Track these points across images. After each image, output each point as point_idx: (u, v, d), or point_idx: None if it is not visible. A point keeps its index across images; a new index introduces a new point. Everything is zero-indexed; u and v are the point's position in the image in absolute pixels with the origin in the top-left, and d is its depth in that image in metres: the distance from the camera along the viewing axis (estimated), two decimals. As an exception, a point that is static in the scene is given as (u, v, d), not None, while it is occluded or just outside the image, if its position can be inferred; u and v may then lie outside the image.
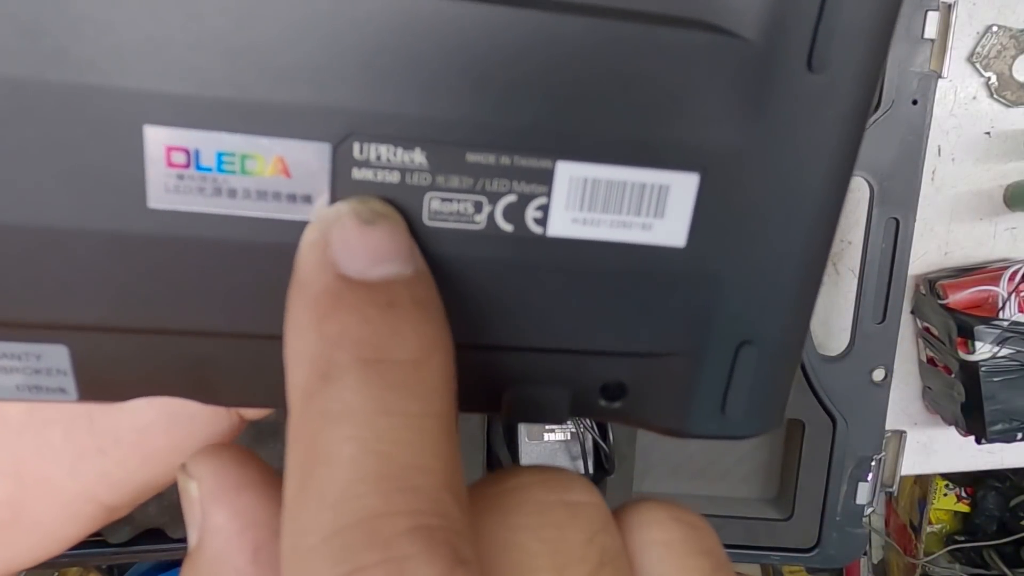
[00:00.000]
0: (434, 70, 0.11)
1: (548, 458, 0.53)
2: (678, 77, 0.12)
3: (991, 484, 1.14)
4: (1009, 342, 0.51)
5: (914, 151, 0.48)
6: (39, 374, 0.13)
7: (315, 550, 0.10)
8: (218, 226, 0.12)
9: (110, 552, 0.52)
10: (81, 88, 0.10)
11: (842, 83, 0.12)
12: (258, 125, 0.11)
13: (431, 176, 0.12)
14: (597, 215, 0.13)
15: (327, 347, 0.11)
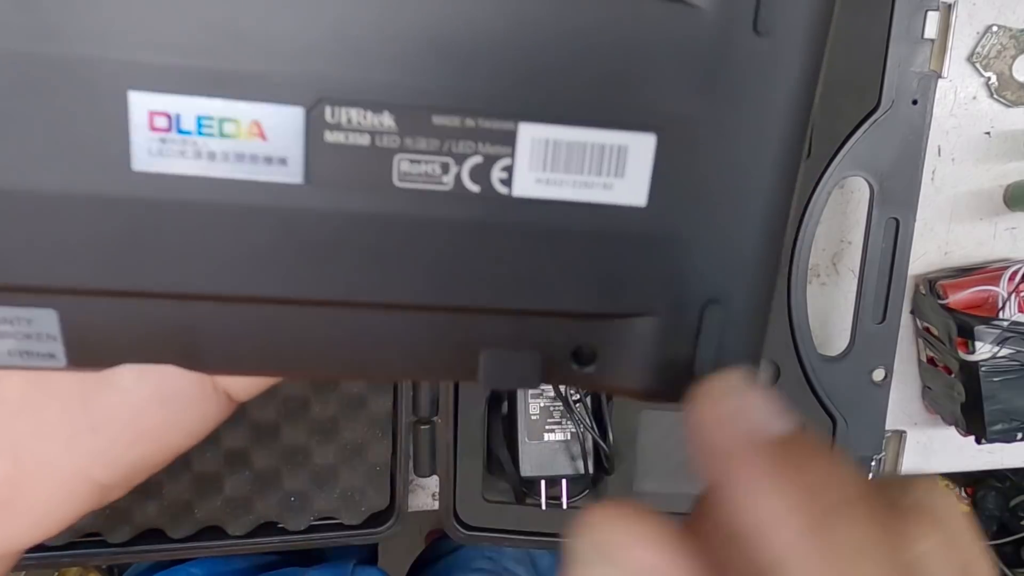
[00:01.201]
0: (400, 37, 0.12)
1: (548, 458, 0.53)
2: (633, 42, 0.12)
3: (991, 484, 1.14)
4: (1009, 342, 0.51)
5: (914, 151, 0.48)
6: (29, 339, 0.13)
7: None
8: (199, 188, 0.12)
9: (110, 552, 0.52)
10: (70, 58, 0.11)
11: (788, 46, 0.13)
12: (235, 90, 0.11)
13: (399, 138, 0.12)
14: (560, 175, 0.13)
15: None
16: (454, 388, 0.52)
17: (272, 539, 0.53)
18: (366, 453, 0.53)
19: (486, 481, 0.54)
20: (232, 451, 0.52)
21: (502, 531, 0.54)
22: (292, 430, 0.52)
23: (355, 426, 0.52)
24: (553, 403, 0.53)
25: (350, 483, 0.53)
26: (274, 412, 0.51)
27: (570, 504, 0.54)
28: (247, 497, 0.52)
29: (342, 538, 0.54)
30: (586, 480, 0.54)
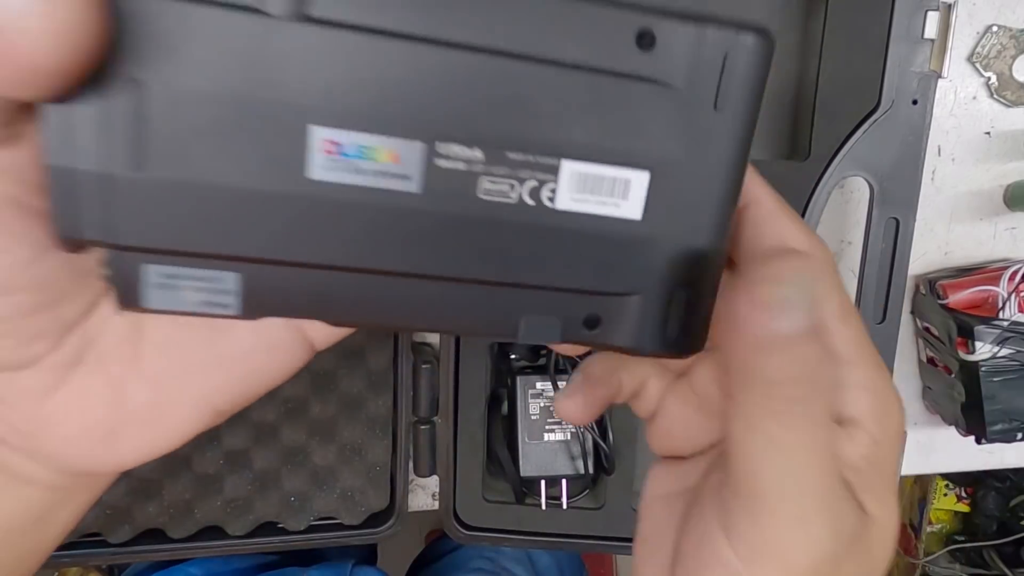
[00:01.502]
0: (489, 102, 0.18)
1: (548, 458, 0.53)
2: (636, 111, 0.19)
3: (991, 484, 1.14)
4: (1009, 342, 0.51)
5: (914, 151, 0.48)
6: (215, 294, 0.19)
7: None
8: (350, 192, 0.18)
9: (110, 552, 0.52)
10: (273, 101, 0.17)
11: (734, 118, 0.19)
12: (381, 130, 0.17)
13: (484, 166, 0.18)
14: (585, 196, 0.19)
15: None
16: (454, 388, 0.52)
17: (272, 539, 0.53)
18: (366, 453, 0.53)
19: (486, 481, 0.54)
20: (232, 451, 0.52)
21: (502, 531, 0.54)
22: (292, 430, 0.52)
23: (355, 426, 0.52)
24: (553, 403, 0.53)
25: (350, 483, 0.53)
26: (274, 412, 0.51)
27: (570, 504, 0.54)
28: (247, 497, 0.52)
29: (342, 538, 0.54)
30: (586, 480, 0.54)
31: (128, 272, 0.18)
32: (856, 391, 0.20)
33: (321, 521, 0.54)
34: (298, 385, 0.51)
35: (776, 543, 0.19)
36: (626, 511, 0.54)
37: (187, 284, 0.18)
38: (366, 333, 0.51)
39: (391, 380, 0.52)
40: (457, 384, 0.52)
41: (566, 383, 0.29)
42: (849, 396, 0.20)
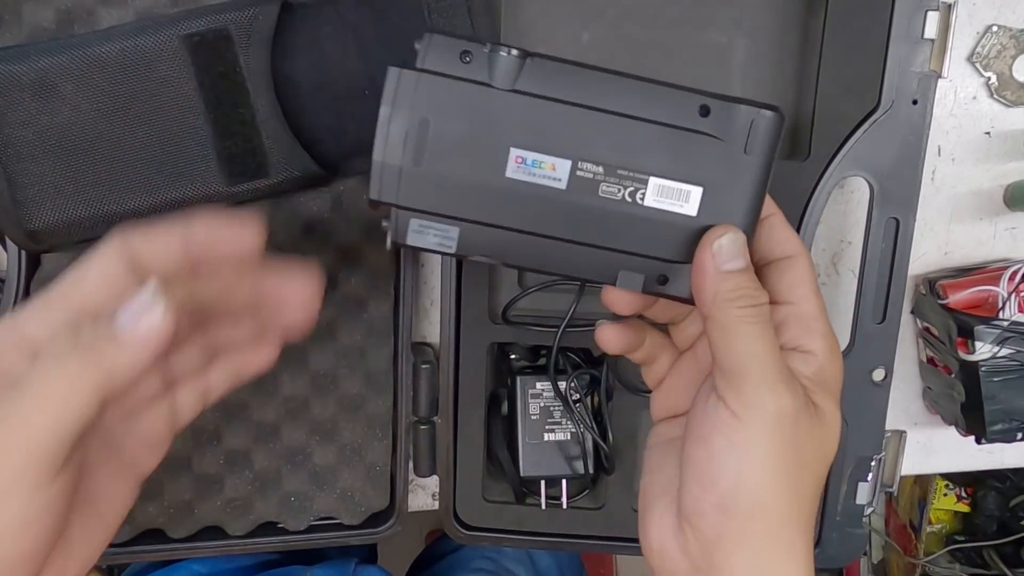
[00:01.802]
0: (605, 144, 0.31)
1: (548, 458, 0.53)
2: (696, 151, 0.31)
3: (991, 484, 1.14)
4: (1009, 342, 0.51)
5: (914, 151, 0.48)
6: (445, 239, 0.32)
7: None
8: (527, 185, 0.31)
9: (110, 552, 0.52)
10: (494, 134, 0.31)
11: (757, 159, 0.31)
12: (548, 153, 0.31)
13: (604, 176, 0.31)
14: (664, 199, 0.32)
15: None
16: (454, 388, 0.52)
17: (272, 539, 0.53)
18: (366, 453, 0.53)
19: (486, 481, 0.54)
20: (232, 451, 0.52)
21: (502, 531, 0.54)
22: (292, 430, 0.52)
23: (355, 426, 0.52)
24: (553, 403, 0.53)
25: (350, 483, 0.53)
26: (274, 412, 0.51)
27: (570, 504, 0.54)
28: (247, 497, 0.52)
29: (342, 538, 0.54)
30: (586, 480, 0.54)
31: (400, 223, 0.32)
32: (814, 335, 0.32)
33: (321, 521, 0.54)
34: (298, 385, 0.51)
35: (754, 397, 0.29)
36: (626, 511, 0.54)
37: (431, 231, 0.32)
38: (365, 332, 0.51)
39: (391, 380, 0.52)
40: (457, 384, 0.52)
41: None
42: (809, 337, 0.32)
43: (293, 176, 0.45)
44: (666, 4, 0.50)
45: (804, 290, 0.32)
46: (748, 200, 0.31)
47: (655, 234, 0.32)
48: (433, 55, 0.30)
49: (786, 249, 0.33)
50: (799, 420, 0.30)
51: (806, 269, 0.33)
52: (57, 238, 0.45)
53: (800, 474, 0.30)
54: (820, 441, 0.31)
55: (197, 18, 0.42)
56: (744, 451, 0.29)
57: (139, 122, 0.43)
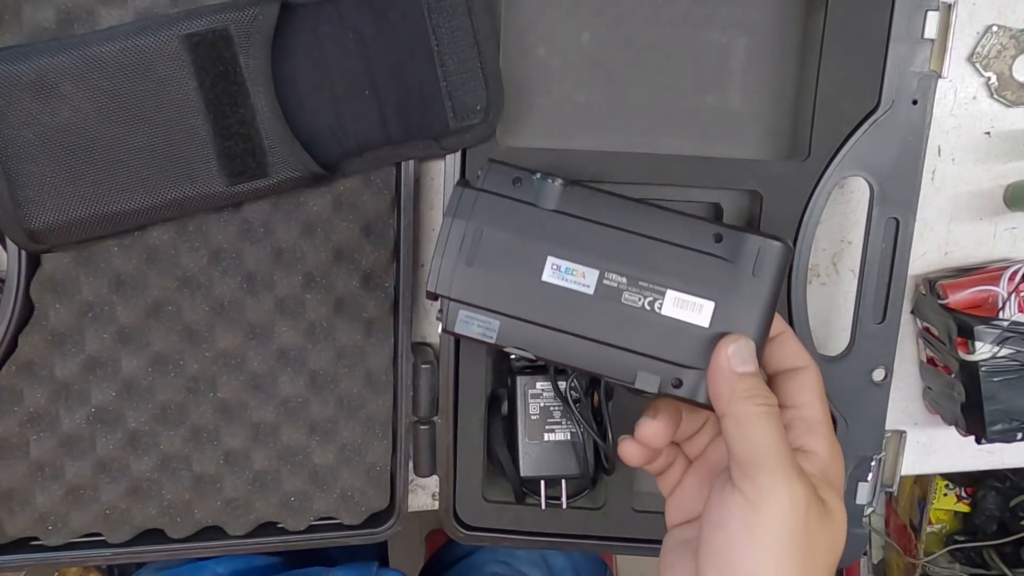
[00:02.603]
0: (629, 258, 0.36)
1: (548, 458, 0.53)
2: (709, 271, 0.36)
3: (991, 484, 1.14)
4: (1009, 342, 0.51)
5: (914, 151, 0.48)
6: (487, 329, 0.37)
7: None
8: (560, 291, 0.36)
9: (110, 552, 0.52)
10: (534, 245, 0.37)
11: (766, 280, 0.36)
12: (579, 263, 0.36)
13: (627, 286, 0.36)
14: (679, 309, 0.36)
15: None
16: (454, 388, 0.52)
17: (272, 539, 0.53)
18: (366, 453, 0.53)
19: (486, 481, 0.54)
20: (232, 451, 0.52)
21: (502, 531, 0.54)
22: (292, 430, 0.52)
23: (355, 426, 0.52)
24: (553, 403, 0.53)
25: (350, 483, 0.53)
26: (274, 412, 0.51)
27: (570, 504, 0.54)
28: (247, 497, 0.52)
29: (342, 538, 0.54)
30: (586, 480, 0.54)
31: (451, 313, 0.37)
32: (818, 437, 0.35)
33: (321, 521, 0.54)
34: (298, 385, 0.51)
35: (769, 485, 0.31)
36: (626, 511, 0.54)
37: (475, 322, 0.37)
38: (365, 332, 0.51)
39: (391, 380, 0.52)
40: (457, 384, 0.52)
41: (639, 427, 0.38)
42: (813, 438, 0.35)
43: (293, 176, 0.45)
44: (666, 4, 0.49)
45: (810, 396, 0.36)
46: (757, 315, 0.36)
47: (671, 340, 0.36)
48: (491, 178, 0.37)
49: (796, 361, 0.37)
50: (810, 511, 0.31)
51: (813, 378, 0.36)
52: (57, 238, 0.45)
53: (810, 562, 0.31)
54: (829, 533, 0.33)
55: (197, 18, 0.42)
56: (760, 536, 0.31)
57: (139, 122, 0.43)
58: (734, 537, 0.32)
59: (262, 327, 0.50)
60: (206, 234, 0.48)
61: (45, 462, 0.49)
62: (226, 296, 0.49)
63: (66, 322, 0.48)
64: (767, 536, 0.31)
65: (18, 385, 0.48)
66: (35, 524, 0.50)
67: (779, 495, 0.31)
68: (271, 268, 0.49)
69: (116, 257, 0.47)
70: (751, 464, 0.32)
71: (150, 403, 0.50)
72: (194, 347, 0.49)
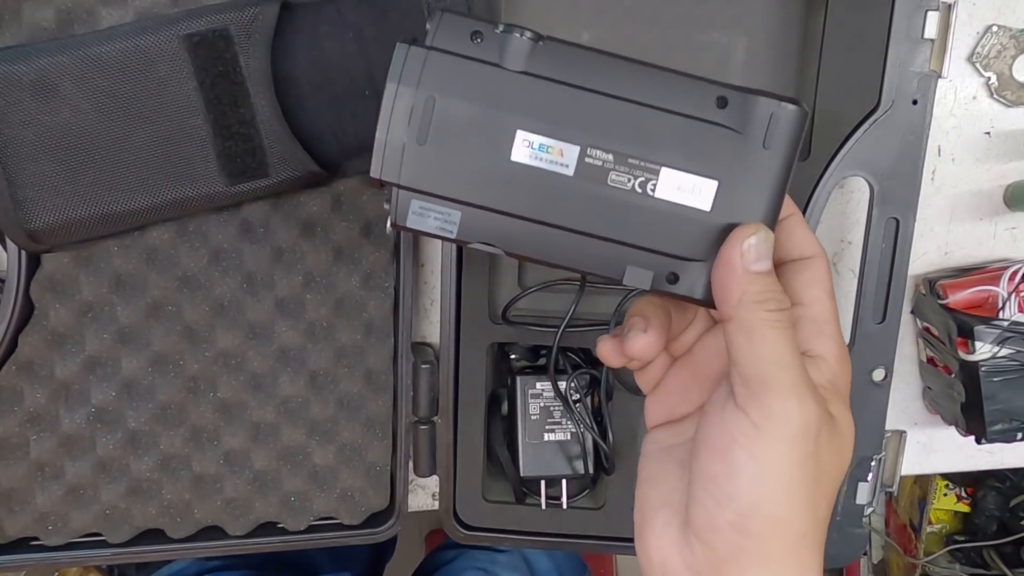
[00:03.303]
0: (616, 131, 0.30)
1: (548, 458, 0.53)
2: (712, 144, 0.30)
3: (991, 484, 1.14)
4: (1009, 342, 0.51)
5: (914, 151, 0.48)
6: (445, 223, 0.30)
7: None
8: (532, 170, 0.30)
9: (110, 552, 0.52)
10: (501, 116, 0.29)
11: (777, 154, 0.30)
12: (556, 137, 0.30)
13: (613, 164, 0.30)
14: (675, 191, 0.30)
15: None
16: (454, 388, 0.52)
17: (272, 539, 0.53)
18: (366, 453, 0.53)
19: (486, 481, 0.54)
20: (232, 451, 0.52)
21: (502, 531, 0.54)
22: (292, 430, 0.52)
23: (355, 426, 0.52)
24: (553, 403, 0.53)
25: (350, 483, 0.53)
26: (274, 412, 0.51)
27: (570, 504, 0.54)
28: (247, 497, 0.52)
29: (342, 538, 0.54)
30: (586, 480, 0.54)
31: (401, 203, 0.30)
32: (826, 340, 0.31)
33: (321, 521, 0.54)
34: (298, 385, 0.51)
35: (779, 408, 0.28)
36: (626, 511, 0.54)
37: (431, 214, 0.30)
38: (365, 332, 0.51)
39: (391, 380, 0.52)
40: (457, 384, 0.52)
41: (622, 328, 0.33)
42: (821, 342, 0.31)
43: (293, 176, 0.45)
44: (666, 4, 0.49)
45: (819, 292, 0.31)
46: (767, 197, 0.30)
47: (666, 228, 0.30)
48: (443, 33, 0.29)
49: (804, 250, 0.32)
50: (820, 432, 0.28)
51: (823, 271, 0.32)
52: (57, 238, 0.45)
53: (818, 488, 0.29)
54: (838, 451, 0.30)
55: (197, 18, 0.42)
56: (766, 465, 0.28)
57: (139, 122, 0.43)
58: (737, 466, 0.28)
59: (262, 327, 0.50)
60: (206, 234, 0.48)
61: (45, 462, 0.49)
62: (226, 296, 0.49)
63: (66, 322, 0.48)
64: (774, 465, 0.28)
65: (18, 385, 0.48)
66: (35, 524, 0.50)
67: (790, 420, 0.27)
68: (271, 268, 0.49)
69: (116, 257, 0.47)
70: (760, 383, 0.28)
71: (150, 403, 0.50)
72: (194, 347, 0.49)
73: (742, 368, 0.29)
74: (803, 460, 0.28)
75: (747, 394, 0.28)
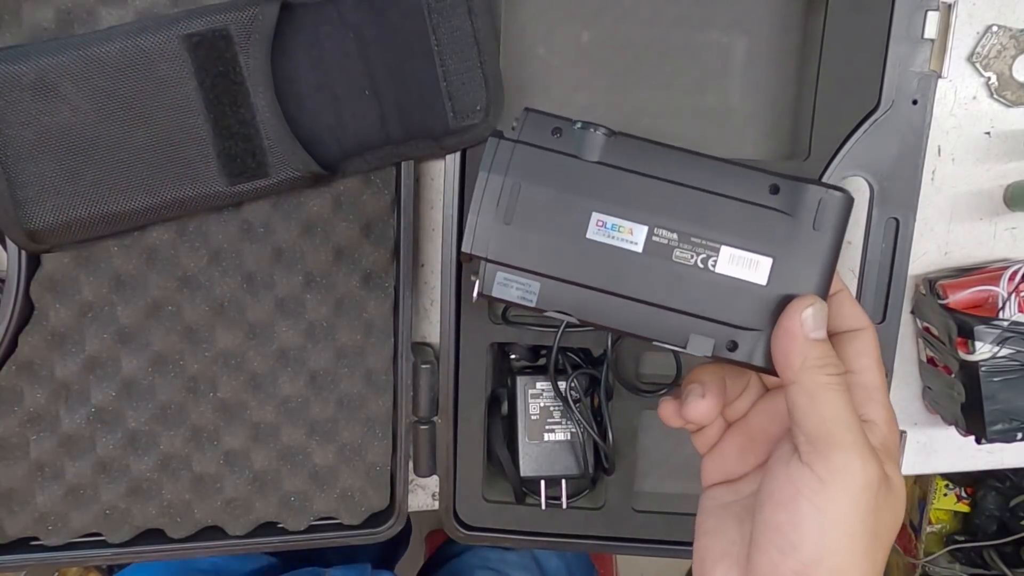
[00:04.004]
0: (681, 213, 0.33)
1: (548, 458, 0.53)
2: (767, 225, 0.33)
3: (991, 484, 1.14)
4: (1009, 342, 0.51)
5: (914, 151, 0.48)
6: (527, 292, 0.34)
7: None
8: (604, 247, 0.34)
9: (110, 552, 0.52)
10: (579, 200, 0.34)
11: (827, 234, 0.33)
12: (626, 218, 0.34)
13: (678, 243, 0.33)
14: (735, 267, 0.33)
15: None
16: (454, 388, 0.52)
17: (272, 539, 0.53)
18: (366, 453, 0.53)
19: (486, 481, 0.54)
20: (232, 451, 0.52)
21: (502, 531, 0.54)
22: (292, 430, 0.52)
23: (355, 426, 0.52)
24: (553, 403, 0.53)
25: (350, 483, 0.53)
26: (274, 412, 0.51)
27: (570, 504, 0.54)
28: (247, 497, 0.52)
29: (342, 538, 0.54)
30: (586, 480, 0.54)
31: (488, 275, 0.34)
32: (877, 406, 0.33)
33: (321, 521, 0.54)
34: (298, 385, 0.51)
35: (844, 464, 0.30)
36: (626, 511, 0.54)
37: (514, 285, 0.34)
38: (365, 332, 0.51)
39: (391, 380, 0.52)
40: (457, 384, 0.52)
41: (677, 396, 0.37)
42: (872, 407, 0.33)
43: (293, 176, 0.45)
44: (666, 4, 0.49)
45: (868, 361, 0.34)
46: (818, 273, 0.33)
47: (726, 300, 0.33)
48: (528, 129, 0.34)
49: (853, 323, 0.35)
50: (880, 489, 0.30)
51: (871, 342, 0.34)
52: (57, 238, 0.45)
53: (876, 543, 0.31)
54: (893, 509, 0.31)
55: (197, 18, 0.42)
56: (829, 516, 0.30)
57: (139, 122, 0.43)
58: (802, 517, 0.30)
59: (262, 327, 0.50)
60: (206, 234, 0.48)
61: (45, 462, 0.49)
62: (226, 296, 0.49)
63: (66, 322, 0.48)
64: (838, 517, 0.30)
65: (18, 385, 0.48)
66: (35, 524, 0.50)
67: (853, 474, 0.30)
68: (271, 268, 0.49)
69: (116, 257, 0.47)
70: (824, 441, 0.30)
71: (150, 403, 0.50)
72: (194, 347, 0.49)
73: (806, 428, 0.31)
74: (865, 515, 0.30)
75: (812, 451, 0.30)
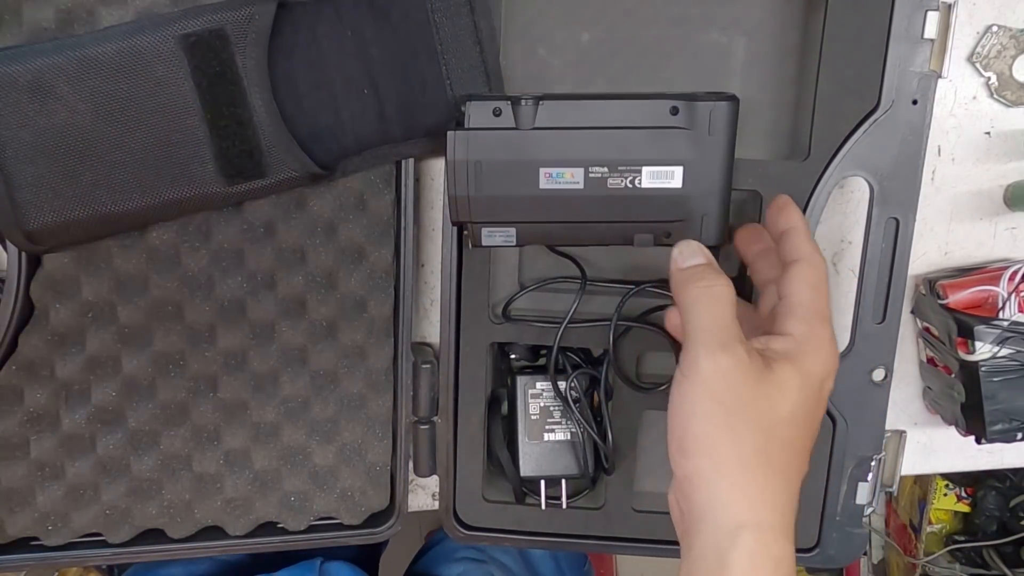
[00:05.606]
0: (605, 151, 0.42)
1: (548, 458, 0.53)
2: (673, 141, 0.42)
3: (991, 484, 1.14)
4: (1009, 342, 0.51)
5: (914, 151, 0.48)
6: (507, 237, 0.44)
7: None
8: (555, 191, 0.43)
9: (110, 552, 0.52)
10: (525, 160, 0.42)
11: (721, 137, 0.42)
12: (566, 166, 0.42)
13: (608, 174, 0.42)
14: (653, 180, 0.42)
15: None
16: (454, 388, 0.52)
17: (272, 539, 0.53)
18: (366, 453, 0.53)
19: (486, 481, 0.54)
20: (232, 451, 0.52)
21: (502, 531, 0.54)
22: (292, 430, 0.52)
23: (355, 426, 0.52)
24: (553, 403, 0.53)
25: (350, 483, 0.53)
26: (274, 412, 0.51)
27: (570, 504, 0.54)
28: (247, 497, 0.52)
29: (342, 538, 0.54)
30: (586, 480, 0.54)
31: (475, 232, 0.43)
32: (796, 321, 0.39)
33: (321, 521, 0.54)
34: (298, 385, 0.51)
35: (694, 359, 0.37)
36: (626, 511, 0.54)
37: (497, 234, 0.43)
38: (365, 332, 0.51)
39: (391, 380, 0.52)
40: (457, 384, 0.52)
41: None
42: (790, 322, 0.39)
43: (291, 176, 0.45)
44: (666, 4, 0.49)
45: (799, 285, 0.40)
46: (719, 169, 0.42)
47: (654, 205, 0.42)
48: (474, 116, 0.42)
49: (793, 255, 0.41)
50: (736, 377, 0.36)
51: (807, 269, 0.40)
52: (56, 239, 0.45)
53: (738, 420, 0.36)
54: (767, 397, 0.37)
55: (193, 18, 0.42)
56: (687, 401, 0.37)
57: (136, 123, 0.43)
58: (673, 406, 0.38)
59: (262, 327, 0.50)
60: (206, 234, 0.48)
61: (45, 462, 0.49)
62: (226, 296, 0.49)
63: (66, 322, 0.48)
64: (694, 399, 0.37)
65: (18, 385, 0.48)
66: (35, 524, 0.50)
67: (700, 367, 0.36)
68: (271, 268, 0.49)
69: (116, 257, 0.47)
70: (685, 341, 0.38)
71: (151, 403, 0.50)
72: (194, 347, 0.49)
73: (683, 331, 0.39)
74: (716, 397, 0.36)
75: (682, 352, 0.38)
